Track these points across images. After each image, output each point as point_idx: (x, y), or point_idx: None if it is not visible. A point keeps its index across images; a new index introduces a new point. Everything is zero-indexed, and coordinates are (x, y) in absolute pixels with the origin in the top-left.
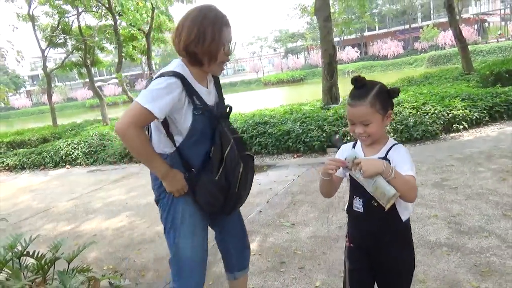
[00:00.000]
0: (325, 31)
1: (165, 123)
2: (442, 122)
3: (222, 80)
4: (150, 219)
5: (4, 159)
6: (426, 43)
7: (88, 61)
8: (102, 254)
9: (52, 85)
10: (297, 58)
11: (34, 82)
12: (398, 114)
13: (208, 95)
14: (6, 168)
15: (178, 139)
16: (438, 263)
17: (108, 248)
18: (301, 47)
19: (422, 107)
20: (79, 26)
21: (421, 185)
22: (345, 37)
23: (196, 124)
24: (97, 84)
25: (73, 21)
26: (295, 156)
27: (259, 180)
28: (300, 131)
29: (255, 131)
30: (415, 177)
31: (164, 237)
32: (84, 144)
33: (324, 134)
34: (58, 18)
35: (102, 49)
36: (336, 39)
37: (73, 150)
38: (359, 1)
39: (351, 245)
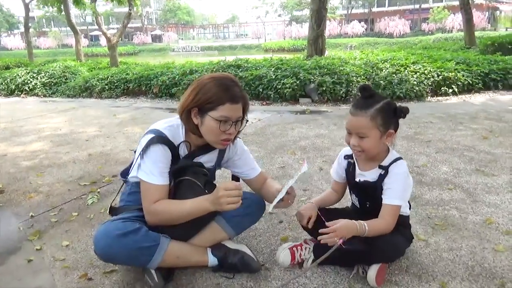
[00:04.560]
0: None
1: None
2: (430, 83)
3: (222, 43)
4: (74, 147)
5: None
6: (434, 25)
7: None
8: None
9: (48, 30)
10: (301, 27)
11: (30, 25)
12: (383, 70)
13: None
14: None
15: None
16: None
17: (10, 169)
18: (307, 17)
19: (411, 65)
20: None
21: None
22: (353, 11)
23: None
24: (93, 33)
25: None
26: (264, 103)
27: None
28: (273, 76)
29: None
30: (399, 205)
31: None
32: (45, 74)
33: (298, 82)
34: None
35: None
36: (343, 12)
37: (31, 79)
38: None
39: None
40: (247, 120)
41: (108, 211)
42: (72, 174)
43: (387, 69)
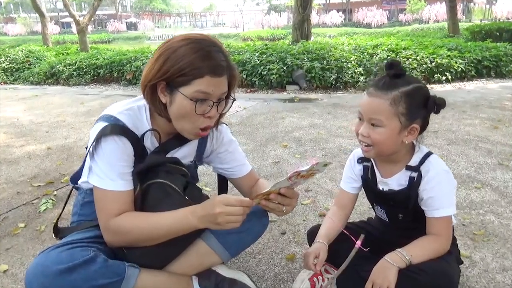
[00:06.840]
0: None
1: None
2: (423, 70)
3: (200, 32)
4: (31, 139)
5: None
6: (411, 16)
7: None
8: None
9: (16, 16)
10: (280, 16)
11: None
12: (374, 56)
13: None
14: None
15: None
16: None
17: None
18: (285, 6)
19: (403, 51)
20: None
21: None
22: (331, 1)
23: None
24: (65, 20)
25: None
26: (248, 91)
27: None
28: (258, 62)
29: None
30: (451, 214)
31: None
32: (5, 59)
33: (285, 68)
34: None
35: None
36: (321, 1)
37: None
38: None
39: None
40: (234, 99)
41: (52, 232)
42: (24, 172)
43: (378, 55)
